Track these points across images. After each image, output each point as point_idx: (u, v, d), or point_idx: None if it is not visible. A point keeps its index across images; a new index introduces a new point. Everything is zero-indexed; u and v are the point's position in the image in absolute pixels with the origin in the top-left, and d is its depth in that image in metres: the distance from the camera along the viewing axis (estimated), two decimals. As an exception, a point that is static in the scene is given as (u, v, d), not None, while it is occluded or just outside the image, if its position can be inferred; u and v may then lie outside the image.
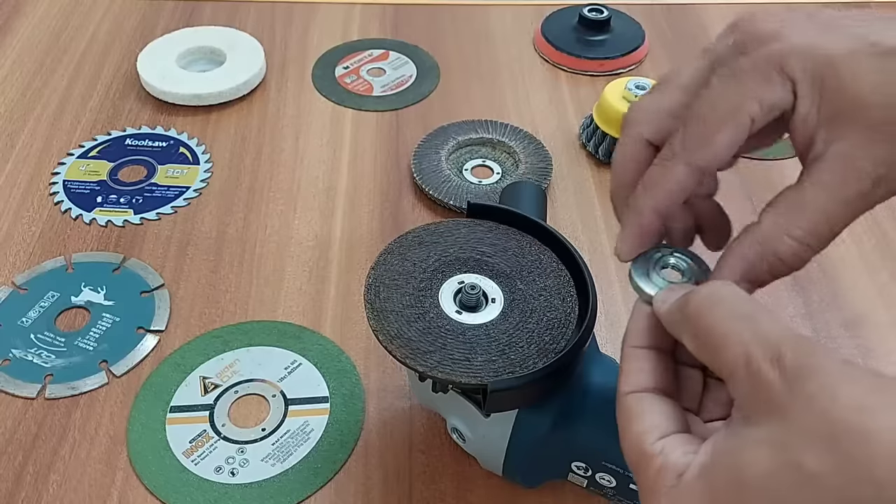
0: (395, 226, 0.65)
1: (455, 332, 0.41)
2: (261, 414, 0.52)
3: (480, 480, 0.49)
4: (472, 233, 0.46)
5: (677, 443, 0.29)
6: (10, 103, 0.76)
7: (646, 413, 0.30)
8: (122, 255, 0.62)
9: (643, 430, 0.30)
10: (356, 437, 0.51)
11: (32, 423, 0.51)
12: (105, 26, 0.86)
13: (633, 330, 0.33)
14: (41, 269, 0.60)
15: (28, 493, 0.48)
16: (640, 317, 0.33)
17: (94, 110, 0.75)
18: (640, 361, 0.32)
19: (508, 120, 0.73)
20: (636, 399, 0.31)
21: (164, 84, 0.75)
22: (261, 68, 0.78)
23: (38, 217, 0.65)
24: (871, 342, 0.58)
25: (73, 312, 0.58)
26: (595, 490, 0.45)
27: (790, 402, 0.25)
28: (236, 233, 0.64)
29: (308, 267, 0.61)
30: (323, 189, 0.68)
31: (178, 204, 0.66)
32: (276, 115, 0.75)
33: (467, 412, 0.43)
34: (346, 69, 0.81)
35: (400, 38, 0.85)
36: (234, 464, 0.49)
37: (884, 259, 0.64)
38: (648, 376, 0.32)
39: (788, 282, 0.61)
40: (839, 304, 0.60)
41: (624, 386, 0.32)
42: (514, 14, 0.90)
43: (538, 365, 0.40)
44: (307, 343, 0.56)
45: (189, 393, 0.53)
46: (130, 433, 0.51)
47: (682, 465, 0.28)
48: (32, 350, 0.55)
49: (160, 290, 0.59)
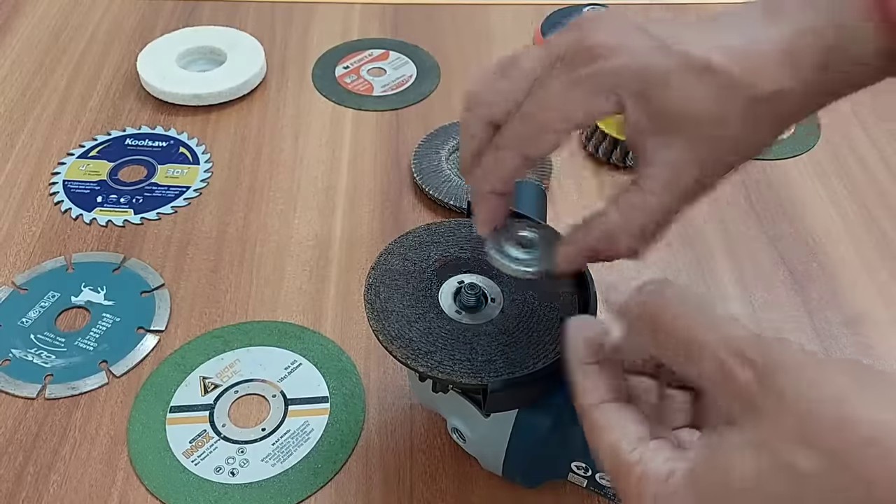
0: (395, 226, 0.65)
1: (455, 332, 0.41)
2: (261, 414, 0.52)
3: (481, 480, 0.49)
4: (472, 233, 0.46)
5: (656, 449, 0.29)
6: (10, 103, 0.76)
7: (614, 422, 0.31)
8: (123, 255, 0.62)
9: (616, 439, 0.30)
10: (356, 438, 0.51)
11: (33, 424, 0.51)
12: (105, 26, 0.86)
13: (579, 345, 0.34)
14: (41, 269, 0.60)
15: (28, 493, 0.48)
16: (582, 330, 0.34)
17: (94, 110, 0.75)
18: (594, 375, 0.33)
19: (508, 119, 0.73)
20: (601, 410, 0.32)
21: (164, 84, 0.75)
22: (261, 68, 0.78)
23: (38, 217, 0.65)
24: (872, 340, 0.58)
25: (73, 312, 0.58)
26: (595, 490, 0.45)
27: (765, 401, 0.25)
28: (236, 232, 0.64)
29: (308, 267, 0.61)
30: (323, 189, 0.68)
31: (178, 204, 0.66)
32: (276, 115, 0.75)
33: (467, 412, 0.43)
34: (346, 69, 0.81)
35: (400, 37, 0.85)
36: (235, 464, 0.49)
37: (883, 258, 0.64)
38: (606, 388, 0.32)
39: (788, 281, 0.61)
40: (839, 302, 0.60)
41: (584, 400, 0.32)
42: (514, 14, 0.90)
43: (538, 365, 0.40)
44: (307, 343, 0.56)
45: (189, 393, 0.53)
46: (131, 433, 0.51)
47: (664, 472, 0.28)
48: (32, 350, 0.55)
49: (160, 290, 0.59)
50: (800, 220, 0.67)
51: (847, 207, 0.68)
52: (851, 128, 0.76)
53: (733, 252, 0.64)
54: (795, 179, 0.71)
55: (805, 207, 0.68)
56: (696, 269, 0.62)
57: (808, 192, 0.69)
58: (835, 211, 0.68)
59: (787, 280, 0.62)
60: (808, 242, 0.65)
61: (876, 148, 0.74)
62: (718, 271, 0.62)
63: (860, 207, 0.68)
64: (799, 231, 0.66)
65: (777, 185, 0.70)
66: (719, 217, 0.67)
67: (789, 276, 0.62)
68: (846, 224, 0.66)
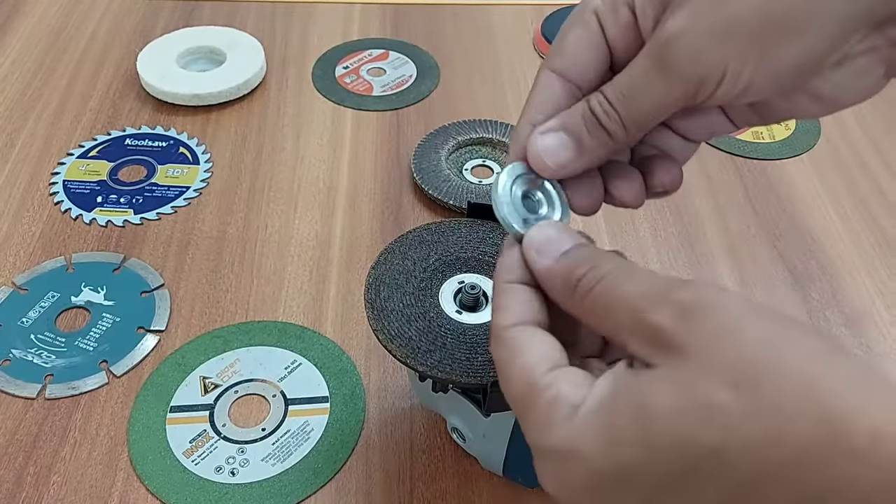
0: (396, 225, 0.65)
1: (455, 332, 0.41)
2: (261, 414, 0.52)
3: (481, 480, 0.49)
4: (472, 232, 0.46)
5: (568, 375, 0.28)
6: (10, 103, 0.76)
7: (532, 345, 0.29)
8: (123, 255, 0.62)
9: (531, 362, 0.28)
10: (357, 437, 0.51)
11: (33, 424, 0.51)
12: (105, 26, 0.86)
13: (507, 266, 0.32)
14: (41, 270, 0.60)
15: (29, 493, 0.48)
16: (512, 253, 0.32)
17: (94, 110, 0.75)
18: (519, 295, 0.31)
19: (509, 119, 0.73)
20: (518, 331, 0.30)
21: (163, 84, 0.75)
22: (261, 68, 0.78)
23: (38, 217, 0.65)
24: (872, 340, 0.58)
25: (73, 312, 0.58)
26: (595, 489, 0.45)
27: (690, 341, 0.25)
28: (237, 232, 0.64)
29: (308, 266, 0.62)
30: (323, 189, 0.68)
31: (178, 204, 0.66)
32: (277, 115, 0.75)
33: (467, 412, 0.43)
34: (346, 69, 0.81)
35: (400, 37, 0.85)
36: (235, 464, 0.49)
37: (883, 257, 0.64)
38: (527, 309, 0.30)
39: (788, 280, 0.61)
40: (839, 301, 0.60)
41: (503, 320, 0.30)
42: (514, 14, 0.90)
43: (538, 364, 0.40)
44: (308, 343, 0.56)
45: (189, 393, 0.53)
46: (131, 433, 0.51)
47: (576, 397, 0.27)
48: (33, 350, 0.55)
49: (160, 290, 0.59)
50: (800, 219, 0.67)
51: (847, 207, 0.68)
52: (851, 128, 0.76)
53: (733, 251, 0.64)
54: (795, 179, 0.71)
55: (805, 207, 0.68)
56: (696, 268, 0.62)
57: (807, 191, 0.69)
58: (834, 210, 0.68)
59: (786, 279, 0.62)
60: (808, 242, 0.65)
61: (876, 148, 0.74)
62: (718, 270, 0.62)
63: (860, 207, 0.68)
64: (799, 230, 0.66)
65: (777, 184, 0.70)
66: (719, 216, 0.67)
67: (789, 276, 0.62)
68: (846, 223, 0.66)
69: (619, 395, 0.26)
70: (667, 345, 0.25)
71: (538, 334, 0.30)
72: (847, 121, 0.76)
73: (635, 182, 0.34)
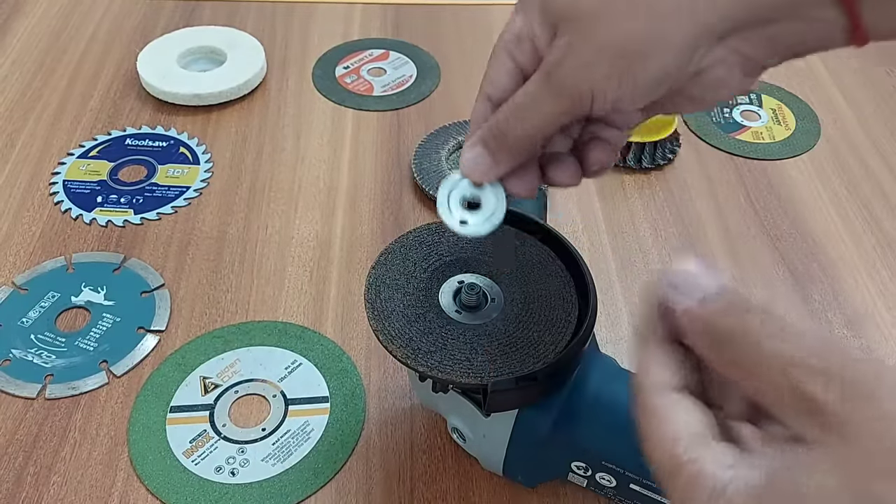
0: (396, 226, 0.65)
1: (455, 332, 0.41)
2: (261, 414, 0.52)
3: (481, 480, 0.49)
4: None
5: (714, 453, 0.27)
6: (10, 103, 0.76)
7: (679, 414, 0.28)
8: (123, 255, 0.62)
9: (675, 433, 0.27)
10: (357, 437, 0.51)
11: (33, 424, 0.51)
12: (105, 26, 0.86)
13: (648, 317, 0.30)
14: (41, 270, 0.60)
15: (29, 493, 0.48)
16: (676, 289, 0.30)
17: (94, 110, 0.75)
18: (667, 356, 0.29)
19: (509, 119, 0.73)
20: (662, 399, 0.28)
21: (164, 84, 0.75)
22: (261, 68, 0.78)
23: (38, 217, 0.65)
24: (873, 341, 0.58)
25: (73, 312, 0.58)
26: (595, 490, 0.45)
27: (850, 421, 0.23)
28: (237, 233, 0.64)
29: (309, 267, 0.61)
30: (323, 189, 0.68)
31: (178, 204, 0.66)
32: (277, 115, 0.75)
33: (468, 412, 0.43)
34: (346, 69, 0.81)
35: (400, 37, 0.85)
36: (235, 464, 0.49)
37: (884, 258, 0.64)
38: (676, 373, 0.29)
39: (789, 281, 0.61)
40: (840, 302, 0.60)
41: (648, 381, 0.29)
42: (514, 13, 0.90)
43: (538, 365, 0.40)
44: (308, 343, 0.56)
45: (189, 393, 0.53)
46: (131, 433, 0.51)
47: (721, 479, 0.26)
48: (33, 350, 0.55)
49: (160, 290, 0.59)
50: (800, 220, 0.67)
51: (847, 207, 0.68)
52: (851, 128, 0.76)
53: (734, 252, 0.64)
54: (795, 179, 0.71)
55: (805, 207, 0.68)
56: (696, 269, 0.62)
57: (808, 191, 0.69)
58: (835, 211, 0.68)
59: (787, 280, 0.62)
60: (809, 242, 0.65)
61: (876, 148, 0.74)
62: (719, 271, 0.62)
63: (860, 207, 0.68)
64: (799, 231, 0.66)
65: (777, 184, 0.70)
66: (719, 217, 0.67)
67: (790, 277, 0.62)
68: (846, 224, 0.66)
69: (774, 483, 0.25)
70: (823, 420, 0.24)
71: (684, 402, 0.28)
72: (847, 121, 0.76)
73: (570, 167, 0.39)
